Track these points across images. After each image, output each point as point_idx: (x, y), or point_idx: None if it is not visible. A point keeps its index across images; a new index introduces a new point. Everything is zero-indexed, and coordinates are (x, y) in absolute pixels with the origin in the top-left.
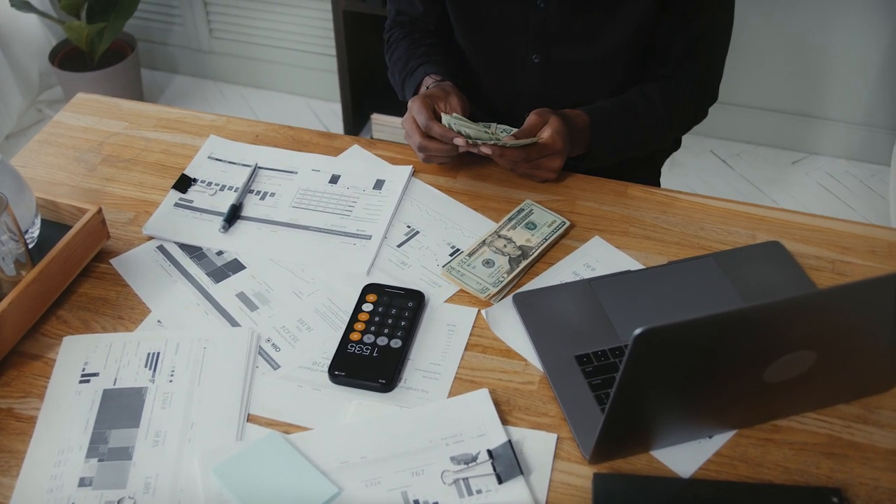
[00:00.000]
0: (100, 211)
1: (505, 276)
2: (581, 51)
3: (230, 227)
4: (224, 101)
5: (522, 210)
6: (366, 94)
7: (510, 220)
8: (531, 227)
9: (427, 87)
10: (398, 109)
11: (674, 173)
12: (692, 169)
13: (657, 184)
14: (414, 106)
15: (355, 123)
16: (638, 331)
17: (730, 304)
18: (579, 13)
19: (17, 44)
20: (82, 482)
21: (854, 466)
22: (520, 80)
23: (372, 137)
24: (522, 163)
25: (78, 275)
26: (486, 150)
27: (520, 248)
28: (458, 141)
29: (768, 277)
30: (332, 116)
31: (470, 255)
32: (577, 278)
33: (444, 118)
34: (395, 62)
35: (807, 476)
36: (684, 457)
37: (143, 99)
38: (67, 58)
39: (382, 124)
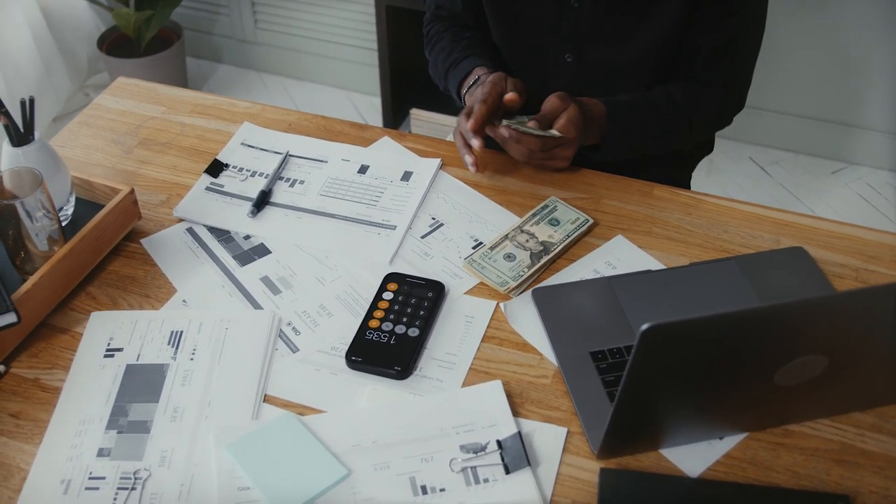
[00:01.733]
0: (132, 192)
1: (525, 270)
2: (614, 51)
3: (258, 212)
4: (266, 91)
5: (547, 206)
6: (406, 89)
7: (534, 215)
8: (554, 223)
9: (478, 78)
10: (437, 105)
11: (711, 179)
12: (729, 175)
13: (687, 187)
14: (482, 89)
15: (394, 118)
16: (645, 326)
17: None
18: (612, 13)
19: (68, 29)
20: (101, 452)
21: (865, 475)
22: (552, 79)
23: (410, 132)
24: (538, 152)
25: (109, 253)
26: (503, 132)
27: (542, 243)
28: (475, 142)
29: (789, 283)
30: (371, 110)
31: (492, 248)
32: (598, 276)
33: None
34: (438, 53)
35: (816, 482)
36: (693, 456)
37: (187, 87)
38: (115, 44)
39: (421, 119)
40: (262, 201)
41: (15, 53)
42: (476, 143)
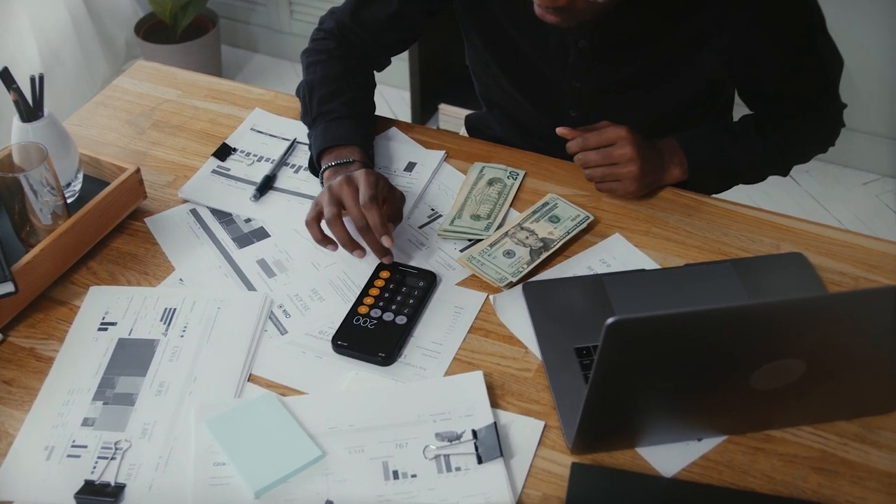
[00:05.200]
0: (138, 171)
1: (525, 266)
2: (625, 119)
3: (261, 196)
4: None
5: (547, 203)
6: (435, 84)
7: (534, 213)
8: (554, 220)
9: (352, 161)
10: (466, 101)
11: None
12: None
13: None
14: (366, 178)
15: (423, 112)
16: (610, 320)
17: None
18: (616, 93)
19: (106, 14)
20: (85, 422)
21: (843, 484)
22: (563, 119)
23: (438, 127)
24: (593, 154)
25: (112, 230)
26: (563, 131)
27: (542, 240)
28: (385, 259)
29: (784, 288)
30: (402, 104)
31: (491, 245)
32: (592, 273)
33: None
34: (321, 81)
35: (792, 489)
36: (670, 457)
37: (221, 76)
38: (151, 30)
39: (450, 115)
40: (266, 186)
41: (53, 36)
42: (387, 241)
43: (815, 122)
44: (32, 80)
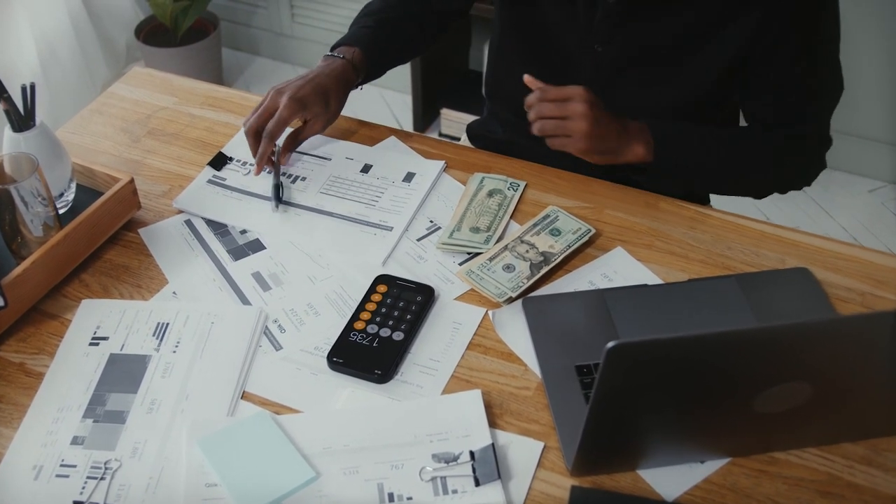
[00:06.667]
0: (132, 181)
1: (525, 281)
2: (642, 98)
3: (280, 204)
4: None
5: (548, 216)
6: (437, 89)
7: (535, 225)
8: (555, 233)
9: (343, 57)
10: (468, 105)
11: None
12: None
13: (705, 202)
14: (284, 99)
15: (425, 117)
16: (610, 344)
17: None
18: (637, 66)
19: (107, 17)
20: (75, 440)
21: None
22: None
23: (440, 133)
24: (547, 104)
25: (106, 241)
26: (529, 79)
27: (542, 254)
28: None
29: (790, 304)
30: (404, 108)
31: (491, 259)
32: (593, 288)
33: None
34: (376, 9)
35: None
36: (672, 480)
37: (222, 79)
38: (152, 33)
39: (452, 120)
40: (279, 195)
41: (53, 39)
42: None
43: (796, 143)
44: (24, 89)
